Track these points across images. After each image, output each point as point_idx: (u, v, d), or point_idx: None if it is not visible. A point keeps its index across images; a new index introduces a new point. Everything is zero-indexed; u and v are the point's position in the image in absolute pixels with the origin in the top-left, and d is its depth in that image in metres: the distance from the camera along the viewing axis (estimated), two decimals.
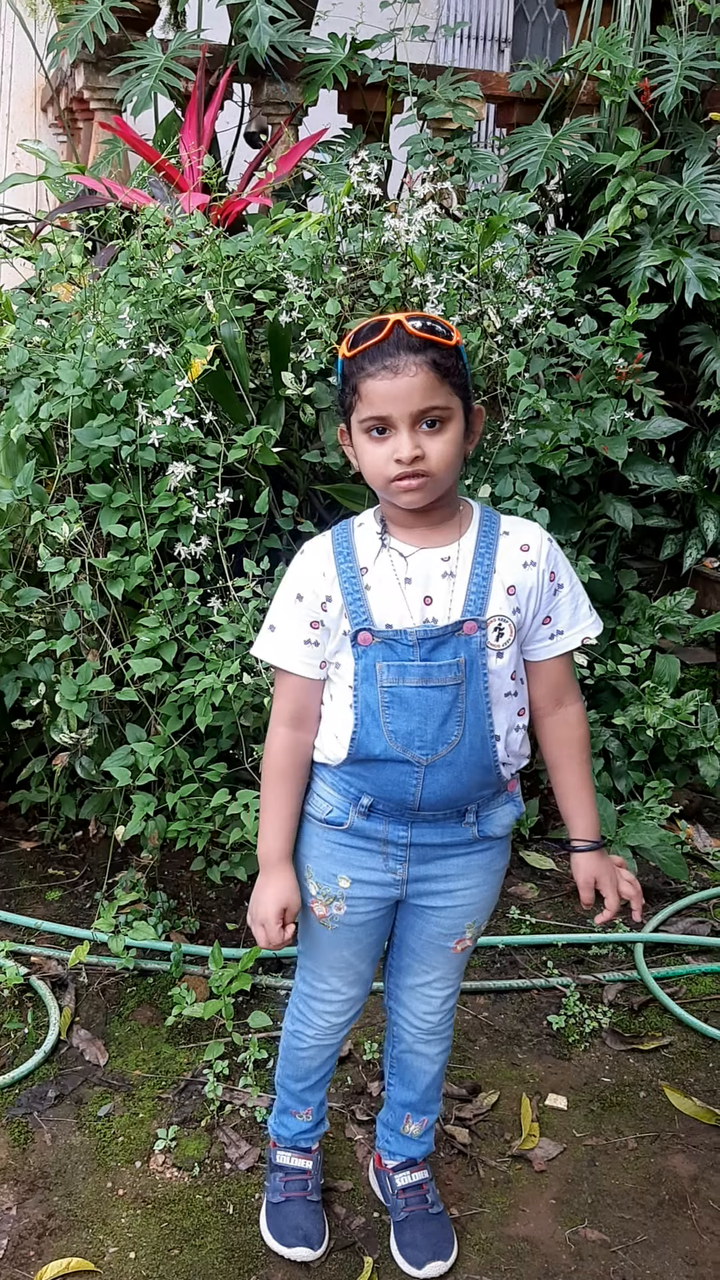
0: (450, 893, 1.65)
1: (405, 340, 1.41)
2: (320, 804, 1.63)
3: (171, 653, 2.41)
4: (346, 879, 1.62)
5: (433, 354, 1.41)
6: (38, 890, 2.78)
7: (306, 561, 1.56)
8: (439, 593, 1.50)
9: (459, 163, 3.67)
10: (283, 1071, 1.90)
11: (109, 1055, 2.29)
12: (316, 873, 1.65)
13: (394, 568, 1.51)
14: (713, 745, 3.17)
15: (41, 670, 2.49)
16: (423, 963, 1.75)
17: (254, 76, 3.76)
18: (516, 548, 1.54)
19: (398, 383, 1.40)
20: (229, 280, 2.61)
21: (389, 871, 1.62)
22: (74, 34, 3.49)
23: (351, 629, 1.50)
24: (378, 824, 1.59)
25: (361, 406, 1.44)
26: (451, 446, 1.45)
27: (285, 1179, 1.91)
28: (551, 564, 1.55)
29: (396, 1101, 1.92)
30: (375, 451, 1.45)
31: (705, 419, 3.75)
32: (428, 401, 1.41)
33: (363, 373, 1.43)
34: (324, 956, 1.73)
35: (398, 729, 1.51)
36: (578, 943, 2.68)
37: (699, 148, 3.70)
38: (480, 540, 1.53)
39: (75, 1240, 1.89)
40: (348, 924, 1.66)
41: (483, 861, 1.65)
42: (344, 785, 1.59)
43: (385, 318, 1.43)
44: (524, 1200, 2.01)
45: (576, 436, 2.98)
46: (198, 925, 2.64)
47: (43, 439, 2.53)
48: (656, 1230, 1.96)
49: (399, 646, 1.49)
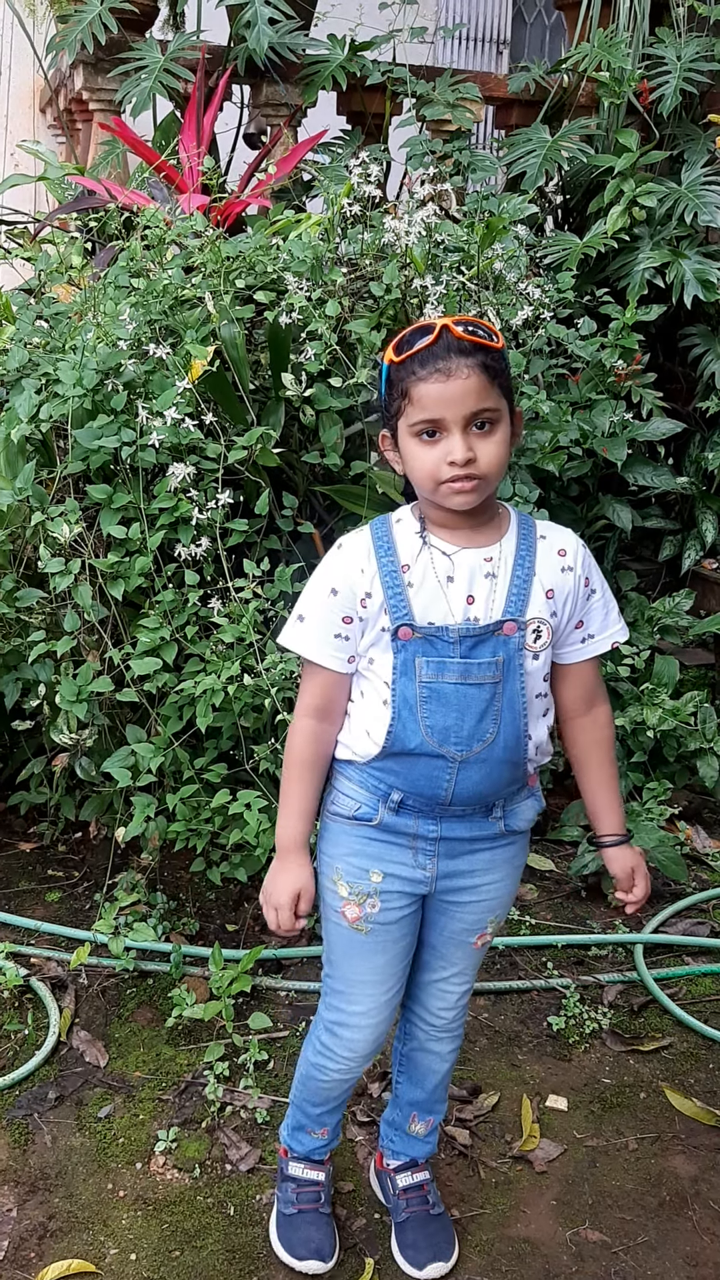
0: (476, 888, 1.66)
1: (455, 344, 1.42)
2: (347, 802, 1.62)
3: (172, 654, 2.41)
4: (379, 873, 1.62)
5: (482, 357, 1.43)
6: (37, 891, 2.78)
7: (345, 556, 1.56)
8: (481, 592, 1.51)
9: (458, 164, 3.68)
10: (300, 1095, 1.87)
11: (109, 1056, 2.29)
12: (347, 872, 1.63)
13: (435, 566, 1.52)
14: (712, 746, 3.17)
15: (42, 671, 2.48)
16: (443, 958, 1.75)
17: (253, 78, 3.76)
18: (554, 552, 1.56)
19: (450, 386, 1.42)
20: (229, 281, 2.61)
21: (419, 867, 1.62)
22: (73, 35, 3.49)
23: (392, 624, 1.51)
24: (408, 819, 1.59)
25: (412, 410, 1.45)
26: (502, 448, 1.47)
27: (297, 1190, 1.89)
28: (586, 570, 1.58)
29: (405, 1100, 1.91)
30: (427, 455, 1.46)
31: (704, 420, 3.75)
32: (480, 404, 1.43)
33: (413, 377, 1.44)
34: (357, 969, 1.69)
35: (435, 724, 1.52)
36: (578, 944, 2.68)
37: (698, 149, 3.71)
38: (520, 543, 1.54)
39: (76, 1242, 1.89)
40: (383, 922, 1.65)
41: (507, 856, 1.67)
42: (373, 782, 1.59)
43: (431, 322, 1.45)
44: (525, 1201, 2.01)
45: (576, 438, 2.98)
46: (198, 926, 2.64)
47: (43, 440, 2.53)
48: (657, 1231, 1.96)
49: (439, 643, 1.50)
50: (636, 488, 3.50)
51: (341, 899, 1.65)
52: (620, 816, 1.70)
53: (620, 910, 1.72)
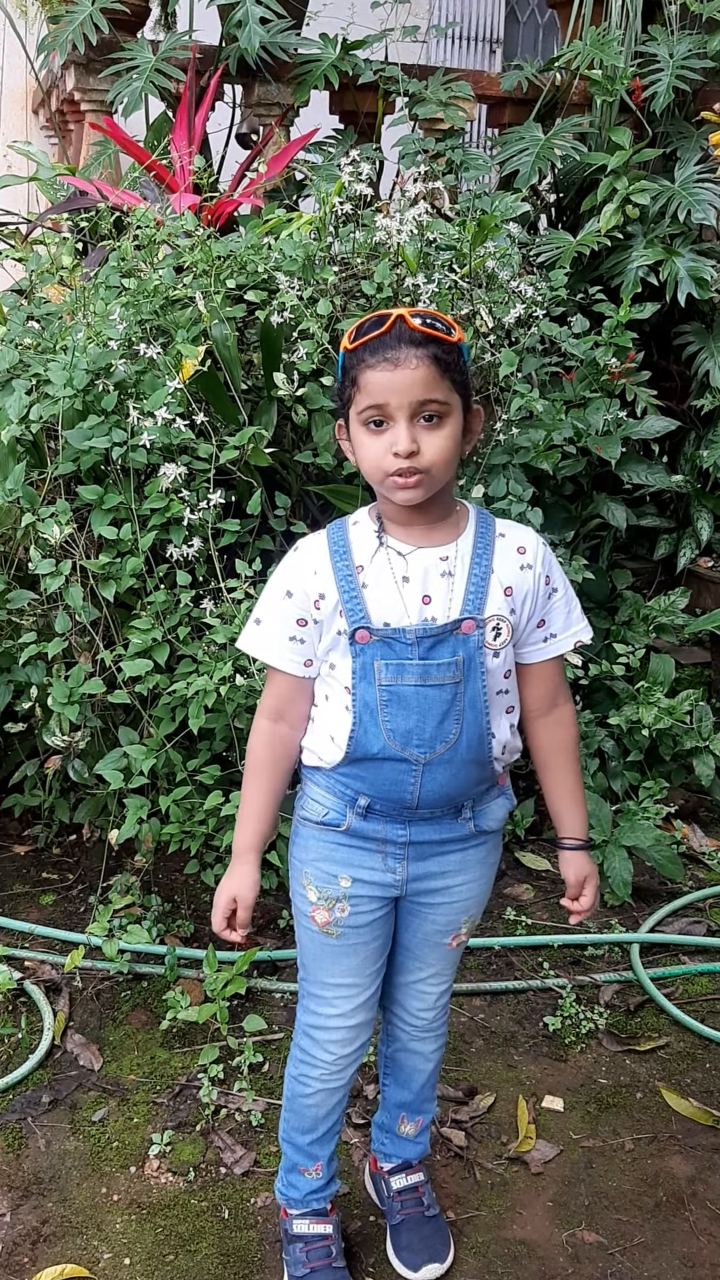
0: (448, 889, 1.65)
1: (407, 334, 1.41)
2: (315, 807, 1.61)
3: (164, 655, 2.40)
4: (348, 879, 1.61)
5: (434, 348, 1.41)
6: (31, 894, 2.77)
7: (299, 559, 1.55)
8: (437, 592, 1.50)
9: (451, 163, 3.67)
10: (288, 1124, 1.82)
11: (103, 1060, 2.28)
12: (316, 877, 1.62)
13: (391, 566, 1.50)
14: (708, 745, 3.16)
15: (33, 673, 2.48)
16: (418, 959, 1.74)
17: (245, 77, 3.75)
18: (513, 549, 1.54)
19: (398, 374, 1.40)
20: (220, 281, 2.60)
21: (388, 871, 1.61)
22: (64, 35, 3.48)
23: (349, 627, 1.49)
24: (376, 824, 1.58)
25: (360, 397, 1.44)
26: (448, 442, 1.45)
27: (306, 1249, 1.81)
28: (547, 568, 1.57)
29: (392, 1102, 1.90)
30: (372, 444, 1.45)
31: (698, 418, 3.74)
32: (427, 394, 1.41)
33: (363, 364, 1.43)
34: (328, 972, 1.68)
35: (396, 727, 1.50)
36: (574, 944, 2.67)
37: (691, 147, 3.70)
38: (478, 540, 1.53)
39: (69, 1246, 1.88)
40: (353, 925, 1.63)
41: (479, 856, 1.66)
42: (339, 787, 1.58)
43: (388, 312, 1.43)
44: (521, 1203, 2.00)
45: (570, 436, 2.97)
46: (192, 928, 2.63)
47: (33, 441, 2.52)
48: (654, 1232, 1.95)
49: (397, 645, 1.48)
50: (631, 486, 3.49)
51: (311, 904, 1.64)
52: (582, 820, 1.69)
53: (571, 913, 1.71)
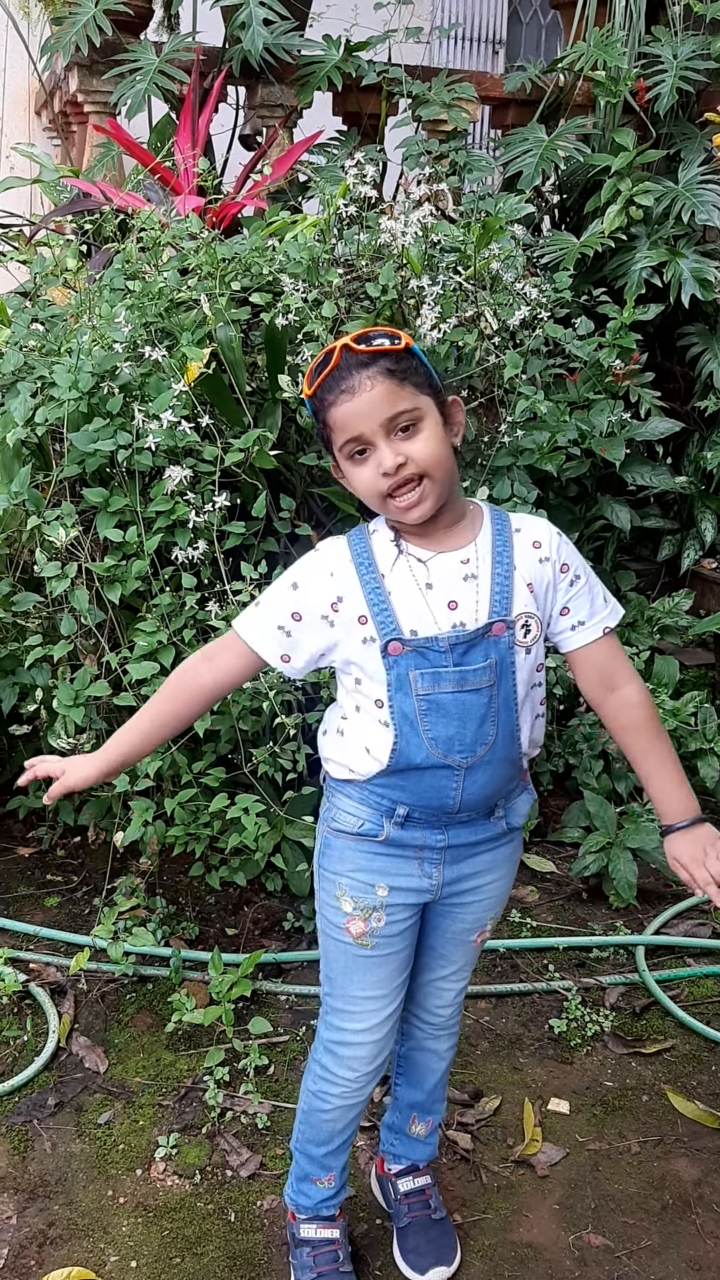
0: (478, 889, 1.65)
1: (354, 360, 1.42)
2: (348, 819, 1.59)
3: (169, 657, 2.40)
4: (385, 888, 1.60)
5: (384, 363, 1.42)
6: (36, 896, 2.77)
7: (317, 559, 1.54)
8: (463, 596, 1.49)
9: (454, 164, 3.67)
10: (302, 1135, 1.81)
11: (109, 1062, 2.28)
12: (352, 887, 1.60)
13: (413, 574, 1.50)
14: (712, 746, 3.16)
15: (39, 675, 2.48)
16: (442, 958, 1.74)
17: (248, 79, 3.75)
18: (529, 544, 1.54)
19: (358, 400, 1.41)
20: (225, 283, 2.60)
21: (425, 877, 1.60)
22: (67, 37, 3.48)
23: (381, 639, 1.48)
24: (414, 832, 1.57)
25: (336, 435, 1.46)
26: (432, 442, 1.44)
27: (313, 1254, 1.81)
28: (563, 556, 1.55)
29: (404, 1102, 1.90)
30: (362, 473, 1.46)
31: (702, 420, 3.74)
32: (392, 408, 1.42)
33: (325, 403, 1.45)
34: (357, 985, 1.66)
35: (437, 735, 1.50)
36: (579, 946, 2.67)
37: (694, 148, 3.70)
38: (496, 539, 1.52)
39: (76, 1249, 1.88)
40: (386, 935, 1.62)
41: (507, 853, 1.66)
42: (374, 799, 1.57)
43: (332, 347, 1.45)
44: (527, 1206, 2.00)
45: (574, 438, 2.97)
46: (197, 930, 2.63)
47: (39, 443, 2.52)
48: (660, 1235, 1.95)
49: (430, 654, 1.48)
50: (635, 487, 3.49)
51: (346, 915, 1.62)
52: (679, 801, 1.60)
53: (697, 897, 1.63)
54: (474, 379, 2.78)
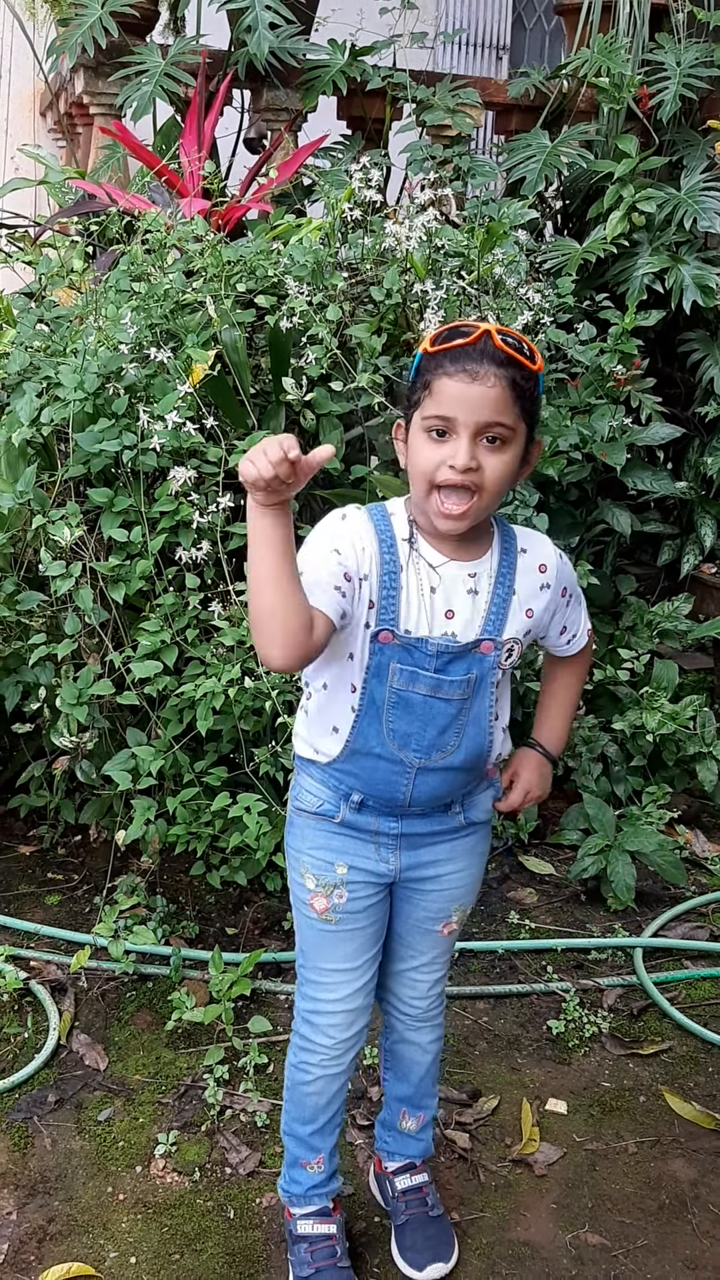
0: (439, 877, 1.68)
1: (491, 351, 1.39)
2: (309, 799, 1.64)
3: (172, 657, 2.42)
4: (344, 865, 1.63)
5: (514, 372, 1.39)
6: (37, 894, 2.78)
7: (349, 528, 1.49)
8: (461, 608, 1.51)
9: (458, 169, 3.68)
10: (289, 1116, 1.83)
11: (109, 1060, 2.29)
12: (313, 864, 1.65)
13: (419, 575, 1.50)
14: (711, 750, 3.17)
15: (42, 674, 2.49)
16: (410, 947, 1.76)
17: (253, 82, 3.77)
18: (535, 568, 1.55)
19: (473, 388, 1.38)
20: (230, 285, 2.61)
21: (381, 861, 1.64)
22: (73, 38, 3.49)
23: (376, 626, 1.49)
24: (368, 817, 1.61)
25: (429, 403, 1.42)
26: (507, 468, 1.43)
27: (311, 1249, 1.81)
28: (563, 580, 1.60)
29: (393, 1096, 1.92)
30: (431, 453, 1.42)
31: (703, 425, 3.76)
32: (496, 415, 1.39)
33: (440, 370, 1.40)
34: (326, 957, 1.71)
35: (397, 729, 1.53)
36: (577, 947, 2.68)
37: (697, 155, 3.72)
38: (502, 560, 1.53)
39: (76, 1245, 1.89)
40: (350, 911, 1.66)
41: (468, 845, 1.69)
42: (334, 782, 1.61)
43: (476, 324, 1.41)
44: (524, 1205, 2.01)
45: (575, 443, 2.99)
46: (197, 930, 2.64)
47: (44, 443, 2.53)
48: (657, 1235, 1.96)
49: (416, 654, 1.50)
50: (635, 492, 3.50)
51: (309, 891, 1.66)
52: (560, 735, 1.79)
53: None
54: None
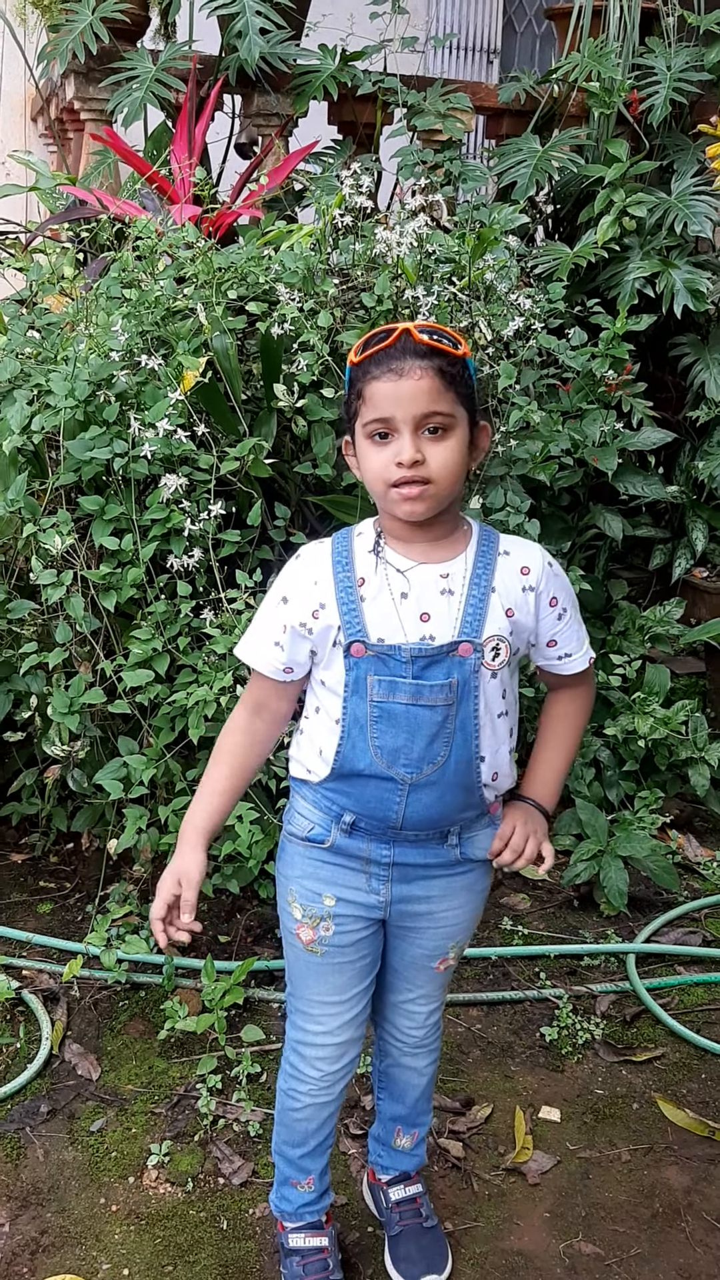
0: (432, 914, 1.64)
1: (412, 346, 1.41)
2: (301, 822, 1.61)
3: (164, 665, 2.41)
4: (331, 897, 1.60)
5: (438, 361, 1.42)
6: (29, 903, 2.77)
7: (301, 567, 1.55)
8: (437, 610, 1.49)
9: (449, 174, 3.68)
10: (279, 1137, 1.82)
11: (101, 1069, 2.28)
12: (300, 894, 1.62)
13: (389, 582, 1.50)
14: (703, 755, 3.18)
15: (33, 683, 2.48)
16: (406, 981, 1.73)
17: (244, 88, 3.76)
18: (516, 570, 1.53)
19: (401, 385, 1.41)
20: (221, 292, 2.61)
21: (372, 892, 1.60)
22: (64, 44, 3.49)
23: (345, 640, 1.49)
24: (360, 842, 1.57)
25: (365, 410, 1.44)
26: (453, 455, 1.44)
27: (303, 1263, 1.80)
28: (552, 589, 1.55)
29: (387, 1115, 1.91)
30: (377, 456, 1.44)
31: (694, 430, 3.76)
32: (431, 406, 1.41)
33: (368, 376, 1.43)
34: (314, 989, 1.67)
35: (384, 744, 1.50)
36: (570, 954, 2.68)
37: (687, 159, 3.73)
38: (478, 559, 1.52)
39: (68, 1257, 1.88)
40: (337, 945, 1.63)
41: (465, 883, 1.64)
42: (325, 803, 1.58)
43: (394, 326, 1.44)
44: (518, 1213, 2.01)
45: (567, 448, 2.99)
46: (189, 939, 2.63)
47: (35, 451, 2.52)
48: (650, 1243, 1.96)
49: (391, 662, 1.48)
50: (627, 497, 3.50)
51: (296, 921, 1.64)
52: (552, 789, 1.68)
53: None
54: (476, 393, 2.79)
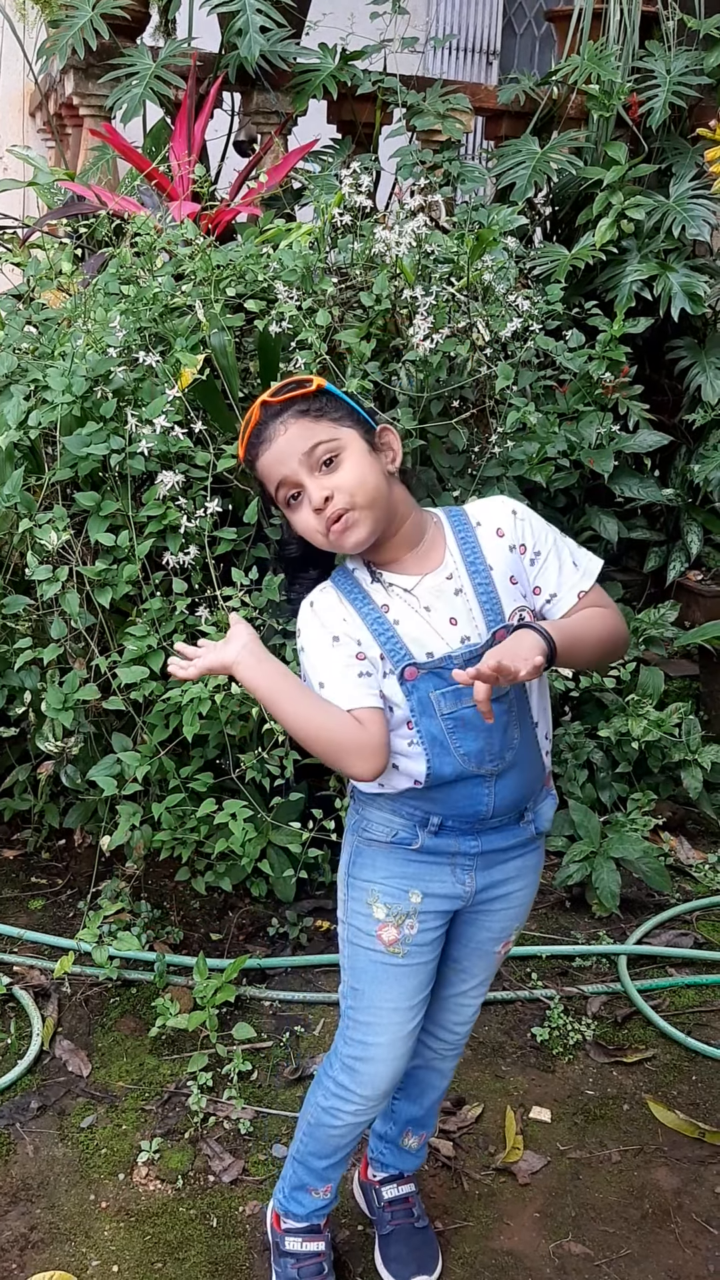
0: (507, 895, 1.65)
1: (270, 411, 1.48)
2: (381, 829, 1.59)
3: (159, 661, 2.40)
4: (418, 894, 1.60)
5: (296, 406, 1.47)
6: (20, 899, 2.77)
7: (322, 609, 1.52)
8: (459, 612, 1.50)
9: (448, 175, 3.68)
10: (305, 1149, 1.79)
11: (92, 1066, 2.28)
12: (385, 893, 1.60)
13: (405, 603, 1.51)
14: (696, 757, 3.18)
15: (28, 678, 2.48)
16: (464, 971, 1.74)
17: (244, 85, 3.76)
18: (494, 535, 1.54)
19: (276, 445, 1.47)
20: (219, 289, 2.60)
21: (458, 883, 1.60)
22: (64, 40, 3.48)
23: (396, 668, 1.48)
24: (448, 839, 1.57)
25: (269, 486, 1.51)
26: (356, 470, 1.46)
27: (298, 1265, 1.81)
28: (521, 537, 1.53)
29: (402, 1117, 1.89)
30: (301, 517, 1.49)
31: (690, 433, 3.77)
32: (307, 442, 1.45)
33: (254, 460, 1.50)
34: (386, 995, 1.64)
35: (469, 750, 1.50)
36: (562, 954, 2.68)
37: (686, 163, 3.73)
38: (463, 547, 1.53)
39: (57, 1253, 1.88)
40: (418, 944, 1.62)
41: (534, 861, 1.67)
42: (408, 810, 1.56)
43: (252, 408, 1.50)
44: (508, 1214, 2.01)
45: (563, 449, 2.99)
46: (182, 935, 2.63)
47: (31, 446, 2.52)
48: (640, 1244, 1.96)
49: (447, 673, 1.47)
50: (623, 499, 3.51)
51: (378, 921, 1.61)
52: (560, 627, 1.45)
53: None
54: (465, 390, 2.79)
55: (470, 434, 2.84)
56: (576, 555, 1.57)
